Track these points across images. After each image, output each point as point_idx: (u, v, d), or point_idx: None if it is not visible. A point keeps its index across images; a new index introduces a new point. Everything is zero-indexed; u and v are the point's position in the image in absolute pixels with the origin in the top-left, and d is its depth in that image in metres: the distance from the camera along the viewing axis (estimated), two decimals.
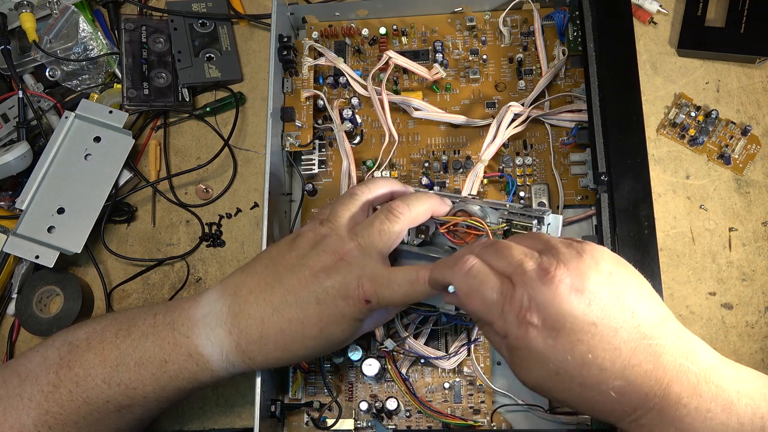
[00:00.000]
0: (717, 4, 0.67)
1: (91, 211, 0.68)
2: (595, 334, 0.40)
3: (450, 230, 0.55)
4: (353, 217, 0.53)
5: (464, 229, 0.55)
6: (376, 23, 0.70)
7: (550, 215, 0.55)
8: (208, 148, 0.73)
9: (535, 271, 0.41)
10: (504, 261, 0.43)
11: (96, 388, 0.51)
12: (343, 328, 0.51)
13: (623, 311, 0.41)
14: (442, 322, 0.60)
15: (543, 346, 0.41)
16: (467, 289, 0.44)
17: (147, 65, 0.74)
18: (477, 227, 0.54)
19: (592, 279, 0.41)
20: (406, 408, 0.60)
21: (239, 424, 0.64)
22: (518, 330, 0.42)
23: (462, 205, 0.56)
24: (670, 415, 0.40)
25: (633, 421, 0.41)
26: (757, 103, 0.65)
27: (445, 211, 0.55)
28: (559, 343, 0.41)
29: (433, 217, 0.55)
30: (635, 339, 0.40)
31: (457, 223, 0.55)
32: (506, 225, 0.55)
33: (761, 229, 0.63)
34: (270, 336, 0.50)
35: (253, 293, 0.51)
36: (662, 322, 0.42)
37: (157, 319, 0.53)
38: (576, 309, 0.40)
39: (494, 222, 0.55)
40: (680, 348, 0.41)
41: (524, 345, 0.42)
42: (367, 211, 0.55)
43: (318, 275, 0.50)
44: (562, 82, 0.66)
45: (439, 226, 0.56)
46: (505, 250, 0.44)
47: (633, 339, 0.40)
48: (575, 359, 0.40)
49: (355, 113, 0.67)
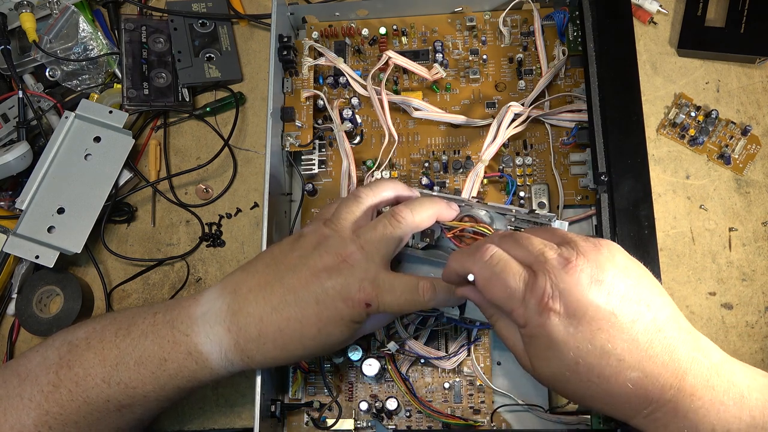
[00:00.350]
0: (717, 4, 0.67)
1: (91, 211, 0.68)
2: (615, 323, 0.41)
3: (456, 235, 0.55)
4: (357, 220, 0.53)
5: (471, 235, 0.55)
6: (376, 23, 0.70)
7: (556, 221, 0.54)
8: (208, 148, 0.73)
9: (556, 260, 0.42)
10: (524, 250, 0.44)
11: (96, 387, 0.51)
12: (342, 329, 0.51)
13: (639, 304, 0.41)
14: (442, 323, 0.60)
15: (564, 333, 0.41)
16: (489, 275, 0.44)
17: (147, 65, 0.74)
18: (484, 233, 0.54)
19: (610, 271, 0.41)
20: (406, 408, 0.60)
21: (239, 424, 0.64)
22: (540, 317, 0.42)
23: (468, 210, 0.56)
24: (684, 408, 0.41)
25: (647, 416, 0.42)
26: (757, 103, 0.65)
27: (451, 215, 0.55)
28: (579, 331, 0.41)
29: (439, 221, 0.55)
30: (651, 331, 0.41)
31: (464, 229, 0.55)
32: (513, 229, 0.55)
33: (761, 229, 0.63)
34: (268, 335, 0.50)
35: (252, 292, 0.51)
36: (674, 317, 0.42)
37: (156, 318, 0.53)
38: (597, 298, 0.41)
39: (501, 228, 0.55)
40: (692, 342, 0.42)
41: (545, 333, 0.42)
42: (371, 215, 0.55)
43: (319, 275, 0.50)
44: (562, 82, 0.66)
45: (446, 231, 0.56)
46: (524, 240, 0.44)
47: (649, 331, 0.41)
48: (595, 348, 0.41)
49: (355, 113, 0.67)
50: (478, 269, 0.45)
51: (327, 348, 0.52)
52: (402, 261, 0.57)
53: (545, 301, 0.41)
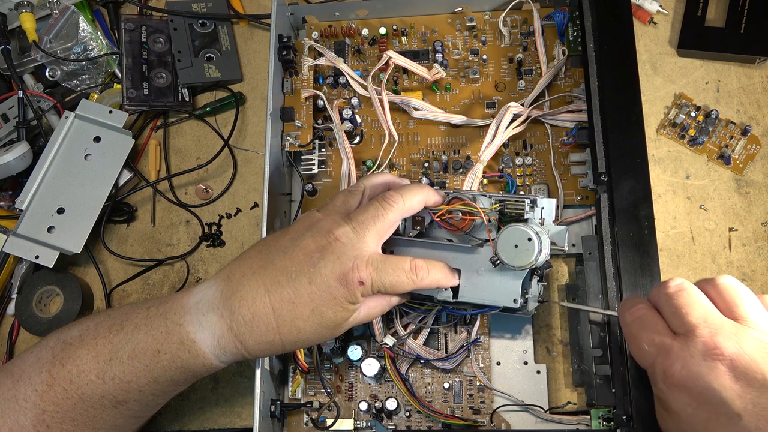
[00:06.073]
0: (717, 4, 0.67)
1: (91, 211, 0.68)
2: (737, 424, 0.41)
3: (444, 219, 0.55)
4: (348, 206, 0.54)
5: (460, 216, 0.55)
6: (376, 23, 0.70)
7: (544, 199, 0.55)
8: (208, 148, 0.73)
9: (704, 342, 0.43)
10: (678, 321, 0.45)
11: (90, 384, 0.51)
12: (335, 310, 0.50)
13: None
14: (442, 322, 0.60)
15: (682, 408, 0.43)
16: (627, 334, 0.48)
17: (147, 65, 0.74)
18: (471, 212, 0.54)
19: (765, 370, 0.41)
20: (406, 408, 0.60)
21: (239, 424, 0.64)
22: (663, 384, 0.44)
23: (455, 193, 0.56)
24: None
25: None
26: (757, 103, 0.65)
27: (438, 200, 0.56)
28: (696, 414, 0.42)
29: (427, 207, 0.55)
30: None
31: (452, 211, 0.55)
32: (499, 205, 0.55)
33: (761, 229, 0.63)
34: (261, 317, 0.50)
35: (245, 276, 0.51)
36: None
37: (150, 312, 0.52)
38: (727, 395, 0.41)
39: (486, 205, 0.55)
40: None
41: (666, 399, 0.44)
42: (361, 202, 0.55)
43: (311, 255, 0.50)
44: (562, 82, 0.66)
45: (434, 215, 0.56)
46: (683, 309, 0.45)
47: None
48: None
49: (355, 113, 0.67)
50: (623, 324, 0.49)
51: (322, 331, 0.51)
52: (395, 249, 0.57)
53: (670, 373, 0.43)
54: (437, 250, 0.56)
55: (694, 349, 0.42)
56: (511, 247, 0.52)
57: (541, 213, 0.55)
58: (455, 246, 0.55)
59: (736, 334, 0.42)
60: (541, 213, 0.55)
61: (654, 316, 0.47)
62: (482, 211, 0.54)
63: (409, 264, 0.52)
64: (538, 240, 0.51)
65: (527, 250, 0.51)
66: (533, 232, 0.51)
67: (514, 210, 0.54)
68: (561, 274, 0.63)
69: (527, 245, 0.51)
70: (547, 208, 0.55)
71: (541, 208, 0.55)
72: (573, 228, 0.62)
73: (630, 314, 0.48)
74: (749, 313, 0.44)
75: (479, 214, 0.54)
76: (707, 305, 0.45)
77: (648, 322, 0.46)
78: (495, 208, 0.54)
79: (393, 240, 0.55)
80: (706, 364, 0.42)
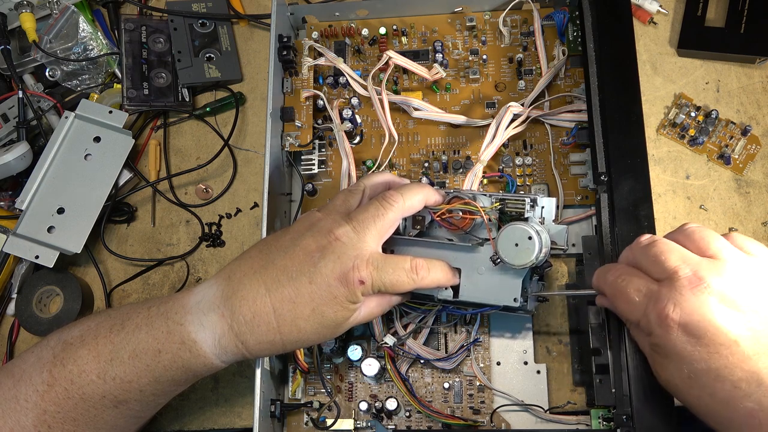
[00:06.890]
0: (717, 4, 0.67)
1: (91, 211, 0.68)
2: (736, 352, 0.41)
3: (444, 218, 0.55)
4: (348, 206, 0.54)
5: (460, 215, 0.55)
6: (376, 23, 0.70)
7: (544, 198, 0.55)
8: (208, 148, 0.73)
9: (687, 278, 0.43)
10: (659, 267, 0.45)
11: (91, 384, 0.51)
12: (336, 309, 0.50)
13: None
14: (442, 322, 0.60)
15: (681, 348, 0.43)
16: (613, 292, 0.48)
17: (147, 65, 0.74)
18: (471, 211, 0.54)
19: (748, 296, 0.42)
20: (406, 408, 0.60)
21: (239, 424, 0.64)
22: (660, 329, 0.44)
23: (455, 192, 0.56)
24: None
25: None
26: (757, 103, 0.65)
27: (438, 200, 0.56)
28: (696, 350, 0.42)
29: (427, 206, 0.55)
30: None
31: (452, 210, 0.55)
32: (500, 204, 0.55)
33: (761, 229, 0.63)
34: (262, 316, 0.50)
35: (246, 276, 0.51)
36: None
37: (151, 311, 0.52)
38: (721, 322, 0.42)
39: (486, 204, 0.55)
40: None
41: (664, 343, 0.44)
42: (361, 202, 0.55)
43: (312, 255, 0.50)
44: (562, 82, 0.66)
45: (434, 214, 0.56)
46: (661, 256, 0.45)
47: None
48: (710, 370, 0.42)
49: (355, 113, 0.67)
50: (606, 288, 0.49)
51: (322, 331, 0.51)
52: (395, 249, 0.57)
53: (664, 315, 0.43)
54: (438, 249, 0.56)
55: (681, 288, 0.43)
56: (511, 246, 0.52)
57: (541, 212, 0.55)
58: (455, 245, 0.55)
59: (715, 267, 0.43)
60: (541, 212, 0.55)
61: (634, 269, 0.48)
62: (482, 210, 0.54)
63: (409, 263, 0.52)
64: (538, 239, 0.51)
65: (528, 248, 0.51)
66: (533, 230, 0.51)
67: (514, 209, 0.55)
68: (561, 274, 0.63)
69: (528, 244, 0.51)
70: (547, 208, 0.55)
71: (541, 207, 0.55)
72: (573, 228, 0.62)
73: (611, 274, 0.49)
74: (720, 249, 0.45)
75: (479, 213, 0.54)
76: (682, 249, 0.46)
77: (631, 275, 0.47)
78: (495, 207, 0.55)
79: (393, 239, 0.55)
80: (696, 298, 0.42)
